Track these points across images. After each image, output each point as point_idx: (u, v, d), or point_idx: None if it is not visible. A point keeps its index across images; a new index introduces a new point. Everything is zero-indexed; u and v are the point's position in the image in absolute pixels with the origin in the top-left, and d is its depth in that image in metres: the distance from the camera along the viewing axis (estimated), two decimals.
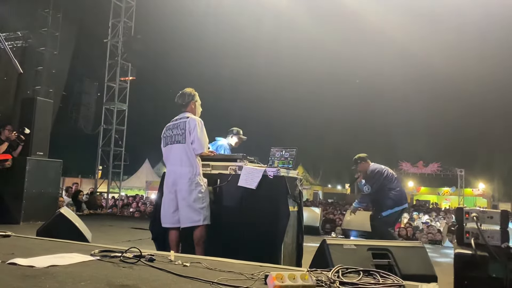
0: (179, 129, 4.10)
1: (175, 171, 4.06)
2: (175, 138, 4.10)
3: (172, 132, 4.14)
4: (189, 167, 4.00)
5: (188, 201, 3.95)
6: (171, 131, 4.16)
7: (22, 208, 7.38)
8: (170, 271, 2.41)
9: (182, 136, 4.05)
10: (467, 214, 2.15)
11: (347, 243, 3.45)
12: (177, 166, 4.06)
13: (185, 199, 3.96)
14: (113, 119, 14.28)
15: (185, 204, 3.96)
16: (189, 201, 3.95)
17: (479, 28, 23.88)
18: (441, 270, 3.44)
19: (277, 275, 1.93)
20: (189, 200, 3.94)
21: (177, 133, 4.10)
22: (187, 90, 4.32)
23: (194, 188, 3.97)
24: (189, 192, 3.95)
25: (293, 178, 4.49)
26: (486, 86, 27.98)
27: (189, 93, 4.29)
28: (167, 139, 4.19)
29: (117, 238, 6.61)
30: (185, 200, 3.96)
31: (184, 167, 4.01)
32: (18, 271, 2.27)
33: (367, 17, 22.36)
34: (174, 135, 4.12)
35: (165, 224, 4.11)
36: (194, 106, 4.28)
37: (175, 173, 4.06)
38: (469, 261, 2.00)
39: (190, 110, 4.24)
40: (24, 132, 7.66)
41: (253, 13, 21.91)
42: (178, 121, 4.17)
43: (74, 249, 3.03)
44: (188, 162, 4.01)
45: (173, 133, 4.13)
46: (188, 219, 3.96)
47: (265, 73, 28.37)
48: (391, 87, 29.87)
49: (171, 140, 4.14)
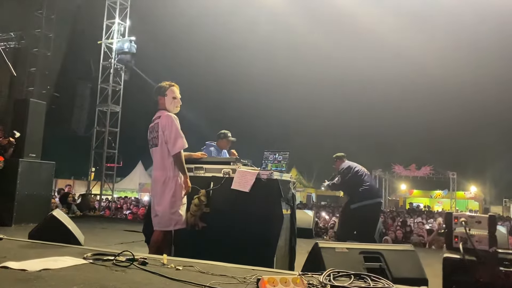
0: (154, 131, 4.02)
1: (153, 176, 4.04)
2: (153, 141, 4.04)
3: (151, 135, 4.07)
4: (161, 170, 3.90)
5: (159, 206, 3.87)
6: (150, 134, 4.09)
7: (14, 210, 7.32)
8: (163, 275, 2.42)
9: (157, 138, 3.96)
10: (456, 219, 2.18)
11: (339, 247, 3.47)
12: (155, 170, 4.02)
13: (157, 202, 3.89)
14: (106, 121, 14.23)
15: (156, 207, 3.89)
16: (160, 206, 3.86)
17: (473, 33, 24.14)
18: (432, 272, 3.46)
19: (269, 279, 1.95)
20: (160, 204, 3.86)
21: (154, 136, 4.03)
22: (160, 84, 4.11)
23: (166, 192, 3.86)
24: (160, 195, 3.87)
25: (286, 181, 4.51)
26: (479, 90, 28.23)
27: (159, 86, 4.08)
28: (149, 143, 4.12)
29: (110, 240, 6.58)
30: (157, 203, 3.89)
31: (160, 171, 3.92)
32: (11, 275, 2.27)
33: (363, 21, 22.52)
34: (152, 138, 4.06)
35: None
36: (163, 101, 4.05)
37: (153, 177, 4.04)
38: (457, 265, 2.03)
39: (161, 106, 4.06)
40: (14, 136, 7.62)
41: (248, 16, 21.98)
42: (154, 122, 4.06)
43: (67, 252, 3.02)
44: (165, 165, 3.90)
45: (151, 136, 4.07)
46: (159, 223, 3.88)
47: (259, 75, 28.43)
48: (385, 91, 30.06)
49: (151, 143, 4.07)
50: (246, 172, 4.25)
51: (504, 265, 1.95)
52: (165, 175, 3.89)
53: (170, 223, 3.86)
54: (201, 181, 4.31)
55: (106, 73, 14.35)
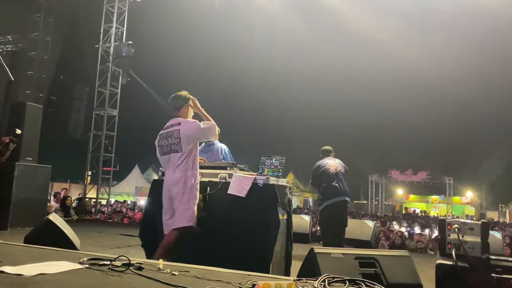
0: (173, 138, 4.04)
1: (170, 179, 4.04)
2: (172, 148, 4.06)
3: (167, 141, 4.09)
4: (183, 171, 3.98)
5: (182, 205, 3.95)
6: (166, 140, 4.11)
7: (9, 214, 7.33)
8: (159, 280, 2.42)
9: (178, 145, 4.01)
10: (449, 226, 2.21)
11: (334, 252, 3.49)
12: (172, 173, 4.03)
13: (180, 202, 3.95)
14: (103, 124, 14.22)
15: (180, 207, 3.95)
16: (183, 205, 3.94)
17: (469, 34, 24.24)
18: (428, 277, 3.48)
19: (264, 285, 1.96)
20: (183, 203, 3.94)
21: (172, 142, 4.05)
22: (182, 93, 4.24)
23: (186, 190, 3.97)
24: (182, 194, 3.96)
25: (283, 186, 4.52)
26: (476, 95, 28.35)
27: (184, 96, 4.21)
28: (163, 148, 4.13)
29: (106, 244, 6.58)
30: (180, 203, 3.95)
31: (179, 172, 3.98)
32: (6, 280, 2.27)
33: (359, 24, 22.59)
34: (170, 144, 4.07)
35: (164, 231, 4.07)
36: (187, 110, 4.21)
37: (170, 180, 4.04)
38: (449, 271, 2.05)
39: (182, 114, 4.18)
40: (16, 134, 7.61)
41: (246, 19, 22.06)
42: (170, 128, 4.10)
43: (63, 256, 3.02)
44: (182, 166, 3.99)
45: (168, 142, 4.08)
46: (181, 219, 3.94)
47: (256, 79, 28.49)
48: (382, 95, 30.16)
49: (168, 150, 4.09)
50: (243, 177, 4.26)
51: (496, 271, 1.97)
52: (185, 175, 3.99)
53: (184, 219, 3.93)
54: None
55: (103, 77, 14.35)
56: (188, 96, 4.24)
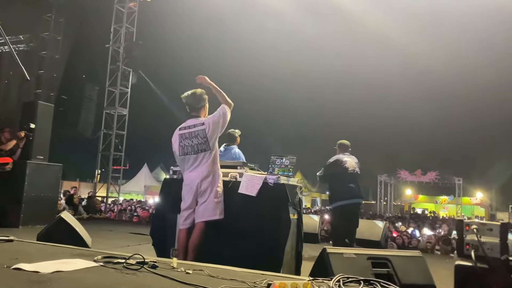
0: (199, 138, 4.06)
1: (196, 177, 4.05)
2: (199, 147, 4.05)
3: (192, 142, 4.08)
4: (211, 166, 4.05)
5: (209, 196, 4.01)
6: (190, 141, 4.09)
7: (21, 211, 7.39)
8: (173, 278, 2.43)
9: (206, 144, 4.04)
10: (467, 226, 2.19)
11: (347, 252, 3.47)
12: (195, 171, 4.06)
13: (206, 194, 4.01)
14: (113, 123, 14.31)
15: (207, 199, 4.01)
16: (210, 196, 4.00)
17: (481, 34, 24.00)
18: (438, 279, 3.46)
19: (280, 284, 1.96)
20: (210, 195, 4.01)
21: (198, 142, 4.06)
22: (200, 91, 4.24)
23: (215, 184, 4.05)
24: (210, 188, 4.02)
25: (293, 186, 4.51)
26: (486, 95, 28.09)
27: (203, 96, 4.23)
28: (187, 149, 4.10)
29: (117, 243, 6.62)
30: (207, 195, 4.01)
31: (206, 167, 4.04)
32: (24, 277, 2.29)
33: (369, 21, 22.45)
34: (195, 144, 4.07)
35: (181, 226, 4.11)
36: (206, 109, 4.27)
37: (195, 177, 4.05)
38: (469, 272, 2.04)
39: (202, 114, 4.21)
40: (30, 127, 7.68)
41: (254, 19, 22.05)
42: (194, 129, 4.10)
43: (77, 254, 3.05)
44: (211, 164, 4.05)
45: (193, 143, 4.07)
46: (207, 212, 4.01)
47: (266, 79, 28.48)
48: (391, 94, 29.99)
49: (193, 150, 4.07)
50: (253, 176, 4.26)
51: None
52: (213, 170, 4.06)
53: (215, 212, 4.01)
54: None
55: (113, 76, 14.43)
56: (205, 94, 4.27)
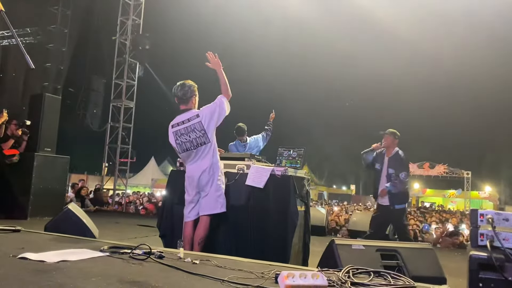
0: (196, 131, 3.95)
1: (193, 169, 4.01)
2: (198, 141, 3.96)
3: (190, 137, 3.97)
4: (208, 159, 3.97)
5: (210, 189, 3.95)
6: (187, 136, 3.98)
7: (29, 203, 7.44)
8: (180, 268, 2.41)
9: (205, 136, 3.94)
10: (481, 216, 2.13)
11: (355, 244, 3.43)
12: (195, 164, 4.01)
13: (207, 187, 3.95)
14: (120, 116, 14.32)
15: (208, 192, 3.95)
16: (211, 189, 3.94)
17: (490, 28, 23.70)
18: (446, 271, 3.41)
19: (288, 274, 1.92)
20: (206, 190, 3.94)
21: (196, 136, 3.96)
22: (188, 82, 4.09)
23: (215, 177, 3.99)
24: (210, 181, 3.95)
25: (301, 178, 4.47)
26: (495, 88, 27.80)
27: (191, 87, 4.08)
28: (184, 145, 4.00)
29: (124, 235, 6.62)
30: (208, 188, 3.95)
31: (207, 160, 3.97)
32: (30, 266, 2.28)
33: (378, 16, 22.24)
34: (194, 139, 3.97)
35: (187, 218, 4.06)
36: (195, 100, 4.11)
37: (193, 170, 4.00)
38: (484, 263, 1.99)
39: (191, 106, 4.06)
40: (26, 125, 7.71)
41: (262, 13, 21.90)
42: (188, 123, 3.98)
43: (84, 245, 3.04)
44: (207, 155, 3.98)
45: (191, 137, 3.97)
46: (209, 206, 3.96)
47: (273, 74, 28.37)
48: (399, 87, 29.78)
49: (192, 145, 3.98)
50: (261, 168, 4.23)
51: None
52: (212, 162, 3.98)
53: (216, 206, 3.95)
54: None
55: (120, 69, 14.42)
56: (195, 85, 4.12)
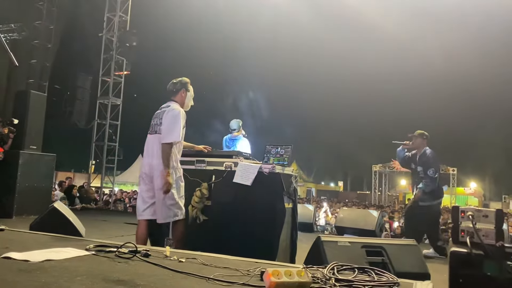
0: (158, 118, 3.95)
1: (150, 163, 3.90)
2: (154, 128, 3.96)
3: (153, 121, 4.00)
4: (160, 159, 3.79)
5: (160, 197, 3.79)
6: (153, 120, 4.01)
7: (14, 202, 7.35)
8: (166, 267, 2.41)
9: (159, 126, 3.89)
10: (462, 213, 2.18)
11: (341, 240, 3.47)
12: (151, 158, 3.90)
13: (159, 193, 3.79)
14: (107, 113, 14.20)
15: (160, 199, 3.80)
16: (160, 197, 3.79)
17: (478, 28, 24.01)
18: (431, 268, 3.47)
19: (273, 272, 1.94)
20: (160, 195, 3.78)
21: (156, 123, 3.95)
22: (182, 78, 4.15)
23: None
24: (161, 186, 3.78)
25: (288, 175, 4.50)
26: (481, 86, 28.17)
27: (182, 81, 4.11)
28: (150, 128, 4.02)
29: (111, 233, 6.59)
30: (159, 194, 3.79)
31: (158, 159, 3.80)
32: (13, 266, 2.26)
33: (367, 16, 22.38)
34: (154, 124, 3.98)
35: (140, 216, 3.93)
36: (184, 95, 4.08)
37: (150, 165, 3.90)
38: (464, 259, 2.03)
39: (178, 99, 4.06)
40: (13, 123, 7.62)
41: (251, 10, 21.87)
42: (161, 110, 4.01)
43: (69, 243, 3.01)
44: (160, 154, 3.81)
45: (154, 122, 3.99)
46: (162, 215, 3.82)
47: (261, 69, 28.35)
48: (386, 85, 30.02)
49: (151, 130, 3.99)
50: (248, 165, 4.24)
51: None
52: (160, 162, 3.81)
53: (169, 214, 3.80)
54: (203, 174, 4.32)
55: (107, 65, 14.29)
56: (186, 81, 4.13)
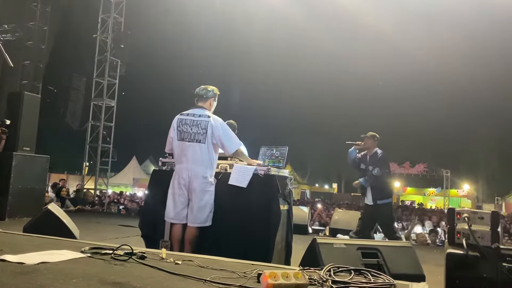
0: (200, 128, 4.03)
1: (191, 169, 4.02)
2: (195, 137, 4.03)
3: (191, 130, 4.05)
4: (207, 167, 4.03)
5: (200, 202, 3.99)
6: (189, 127, 4.06)
7: (7, 204, 7.28)
8: (162, 269, 2.40)
9: (204, 136, 4.00)
10: (458, 215, 2.19)
11: (337, 242, 3.48)
12: (193, 165, 4.02)
13: (197, 198, 3.98)
14: (101, 115, 14.15)
15: (197, 204, 3.99)
16: (201, 202, 3.99)
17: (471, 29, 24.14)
18: (425, 269, 3.49)
19: (270, 273, 1.94)
20: (201, 201, 3.99)
21: (197, 132, 4.03)
22: (215, 88, 4.30)
23: (208, 189, 4.02)
24: (203, 192, 3.99)
25: (284, 177, 4.50)
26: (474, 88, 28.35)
27: (215, 91, 4.27)
28: (183, 134, 4.08)
29: (105, 235, 6.56)
30: (198, 200, 3.99)
31: (202, 167, 4.01)
32: (8, 268, 2.24)
33: (361, 16, 22.42)
34: (194, 133, 4.04)
35: (172, 220, 4.11)
36: (212, 104, 4.27)
37: (189, 171, 4.02)
38: (460, 261, 2.04)
39: (208, 106, 4.21)
40: (6, 124, 7.56)
41: (246, 11, 21.86)
42: (198, 118, 4.07)
43: (64, 245, 3.00)
44: (207, 162, 4.03)
45: (192, 131, 4.05)
46: (197, 219, 4.00)
47: (256, 71, 28.36)
48: (380, 88, 30.13)
49: (189, 137, 4.05)
50: (244, 167, 4.24)
51: (507, 261, 1.96)
52: (208, 172, 4.03)
53: (207, 219, 4.03)
54: None
55: (101, 67, 14.24)
56: (218, 93, 4.30)
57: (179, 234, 4.07)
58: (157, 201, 4.53)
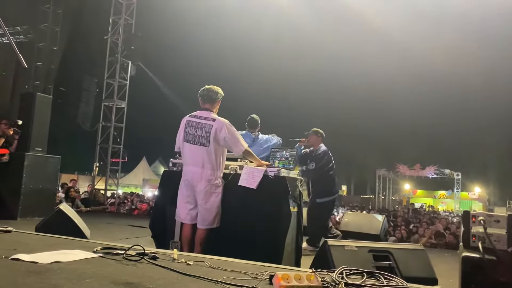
0: (203, 131, 4.04)
1: (194, 172, 4.04)
2: (198, 140, 4.05)
3: (196, 132, 4.07)
4: (210, 170, 4.01)
5: (206, 204, 4.00)
6: (194, 130, 4.08)
7: (19, 203, 7.36)
8: (174, 270, 2.40)
9: (207, 139, 4.01)
10: (473, 218, 2.16)
11: (348, 245, 3.46)
12: (197, 167, 4.04)
13: (203, 201, 4.00)
14: (111, 116, 14.24)
15: (203, 206, 4.01)
16: (207, 204, 4.00)
17: (481, 30, 23.92)
18: (437, 272, 3.45)
19: (283, 275, 1.93)
20: (207, 203, 4.00)
21: (201, 135, 4.04)
22: (217, 88, 4.26)
23: (213, 191, 4.02)
24: (209, 194, 4.00)
25: (294, 179, 4.48)
26: (485, 89, 28.06)
27: (219, 92, 4.24)
28: (188, 136, 4.11)
29: (116, 235, 6.60)
30: (204, 202, 4.00)
31: (205, 169, 4.01)
32: (22, 267, 2.26)
33: (369, 18, 22.33)
34: (198, 135, 4.05)
35: (183, 220, 4.14)
36: (218, 106, 4.27)
37: (193, 173, 4.04)
38: (476, 264, 2.01)
39: (214, 108, 4.21)
40: (18, 124, 7.64)
41: (254, 13, 21.89)
42: (203, 121, 4.08)
43: (76, 245, 3.02)
44: (209, 165, 4.02)
45: (197, 133, 4.06)
46: (204, 221, 4.03)
47: (265, 73, 28.36)
48: (390, 89, 29.90)
49: (193, 140, 4.07)
50: (254, 168, 4.23)
51: None
52: (214, 174, 4.03)
53: (215, 221, 4.05)
54: None
55: (112, 68, 14.34)
56: (222, 94, 4.28)
57: (189, 235, 4.09)
58: (168, 202, 4.54)
